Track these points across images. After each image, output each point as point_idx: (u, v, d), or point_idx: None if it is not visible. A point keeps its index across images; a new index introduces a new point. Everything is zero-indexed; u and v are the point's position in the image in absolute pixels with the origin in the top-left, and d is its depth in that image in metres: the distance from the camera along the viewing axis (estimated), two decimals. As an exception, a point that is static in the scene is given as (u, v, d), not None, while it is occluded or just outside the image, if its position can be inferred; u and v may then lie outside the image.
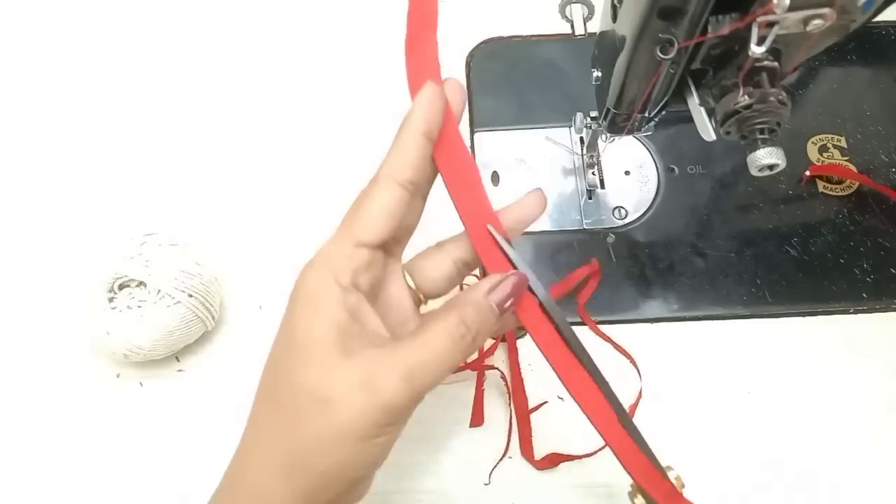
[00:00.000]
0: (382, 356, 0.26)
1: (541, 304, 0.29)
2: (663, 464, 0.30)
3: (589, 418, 0.29)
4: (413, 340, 0.26)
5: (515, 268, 0.29)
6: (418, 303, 0.31)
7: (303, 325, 0.26)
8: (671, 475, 0.30)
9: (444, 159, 0.29)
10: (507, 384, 0.44)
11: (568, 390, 0.29)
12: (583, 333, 0.45)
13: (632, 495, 0.30)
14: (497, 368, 0.44)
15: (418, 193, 0.29)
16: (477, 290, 0.28)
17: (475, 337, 0.27)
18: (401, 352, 0.26)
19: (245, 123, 0.53)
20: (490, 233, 0.29)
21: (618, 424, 0.29)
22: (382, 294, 0.30)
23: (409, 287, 0.31)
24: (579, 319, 0.46)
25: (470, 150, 0.52)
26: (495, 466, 0.42)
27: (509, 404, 0.43)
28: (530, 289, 0.29)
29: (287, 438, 0.26)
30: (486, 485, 0.42)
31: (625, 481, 0.31)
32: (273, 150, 0.52)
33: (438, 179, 0.30)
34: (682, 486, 0.30)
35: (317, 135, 0.53)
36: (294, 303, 0.27)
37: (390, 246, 0.29)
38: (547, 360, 0.29)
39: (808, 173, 0.50)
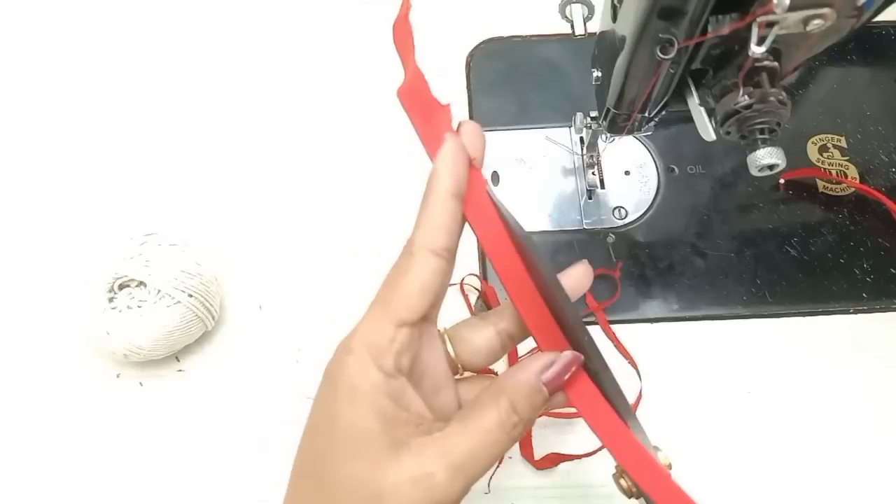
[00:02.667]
0: (432, 446, 0.25)
1: (594, 378, 0.28)
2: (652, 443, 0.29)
3: (612, 454, 0.28)
4: (463, 429, 0.25)
5: (565, 325, 0.27)
6: (454, 370, 0.30)
7: (346, 416, 0.25)
8: (660, 456, 0.29)
9: (475, 215, 0.27)
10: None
11: (612, 454, 0.28)
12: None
13: (616, 477, 0.29)
14: (496, 374, 0.44)
15: (453, 258, 0.27)
16: (528, 370, 0.26)
17: (526, 422, 0.26)
18: (450, 441, 0.25)
19: (245, 124, 0.53)
20: (543, 277, 0.27)
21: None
22: (418, 364, 0.28)
23: (448, 354, 0.29)
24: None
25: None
26: (495, 470, 0.42)
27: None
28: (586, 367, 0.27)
29: None
30: (486, 493, 0.42)
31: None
32: (273, 151, 0.52)
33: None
34: (670, 466, 0.29)
35: (316, 135, 0.53)
36: (334, 391, 0.26)
37: (428, 314, 0.28)
38: (594, 431, 0.28)
39: (781, 181, 0.49)
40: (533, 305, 0.28)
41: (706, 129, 0.35)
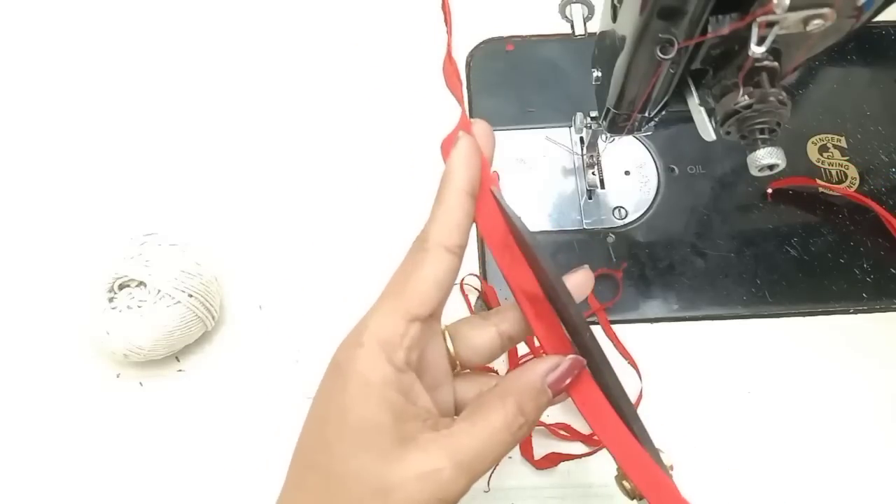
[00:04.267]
0: (439, 443, 0.25)
1: (602, 386, 0.28)
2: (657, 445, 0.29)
3: (619, 463, 0.28)
4: (471, 428, 0.25)
5: (569, 323, 0.28)
6: (453, 367, 0.30)
7: (356, 409, 0.25)
8: (664, 458, 0.29)
9: (482, 214, 0.28)
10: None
11: (613, 455, 0.28)
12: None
13: (619, 479, 0.29)
14: (496, 372, 0.44)
15: (462, 254, 0.27)
16: (534, 372, 0.27)
17: (531, 424, 0.26)
18: (458, 439, 0.25)
19: (245, 124, 0.53)
20: (550, 284, 0.27)
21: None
22: (422, 356, 0.28)
23: (448, 351, 0.30)
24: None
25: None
26: (493, 472, 0.42)
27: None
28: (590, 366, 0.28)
29: None
30: (485, 492, 0.42)
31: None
32: (273, 151, 0.52)
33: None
34: (672, 468, 0.29)
35: (316, 136, 0.53)
36: (343, 383, 0.26)
37: (436, 311, 0.28)
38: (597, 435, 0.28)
39: (769, 190, 0.49)
40: (537, 305, 0.29)
41: (706, 129, 0.35)
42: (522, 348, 0.45)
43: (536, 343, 0.35)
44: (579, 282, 0.29)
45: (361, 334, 0.26)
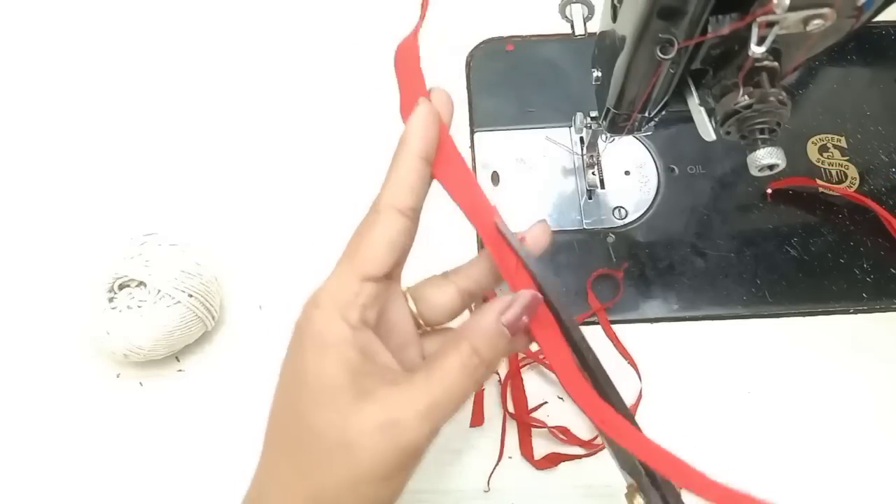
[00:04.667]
0: (398, 395, 0.25)
1: (557, 317, 0.28)
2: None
3: (604, 434, 0.29)
4: (427, 376, 0.26)
5: (530, 271, 0.28)
6: (419, 327, 0.31)
7: (314, 368, 0.26)
8: None
9: (445, 173, 0.29)
10: (501, 386, 0.44)
11: (577, 404, 0.29)
12: (586, 332, 0.45)
13: (629, 496, 0.30)
14: (496, 371, 0.44)
15: (417, 217, 0.28)
16: (487, 314, 0.27)
17: (489, 365, 0.27)
18: (416, 389, 0.25)
19: (245, 124, 0.53)
20: (499, 231, 0.29)
21: (636, 433, 0.29)
22: (383, 318, 0.29)
23: (412, 311, 0.30)
24: (585, 317, 0.46)
25: (470, 150, 0.52)
26: (493, 471, 0.42)
27: (503, 407, 0.43)
28: (547, 301, 0.28)
29: (306, 483, 0.25)
30: (485, 492, 0.42)
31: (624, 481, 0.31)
32: (273, 151, 0.52)
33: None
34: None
35: (316, 136, 0.53)
36: (301, 344, 0.27)
37: (392, 272, 0.29)
38: (559, 380, 0.28)
39: (769, 191, 0.49)
40: (503, 253, 0.29)
41: (706, 129, 0.35)
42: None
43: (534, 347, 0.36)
44: (536, 234, 0.30)
45: (317, 296, 0.27)
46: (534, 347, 0.31)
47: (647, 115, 0.39)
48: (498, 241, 0.29)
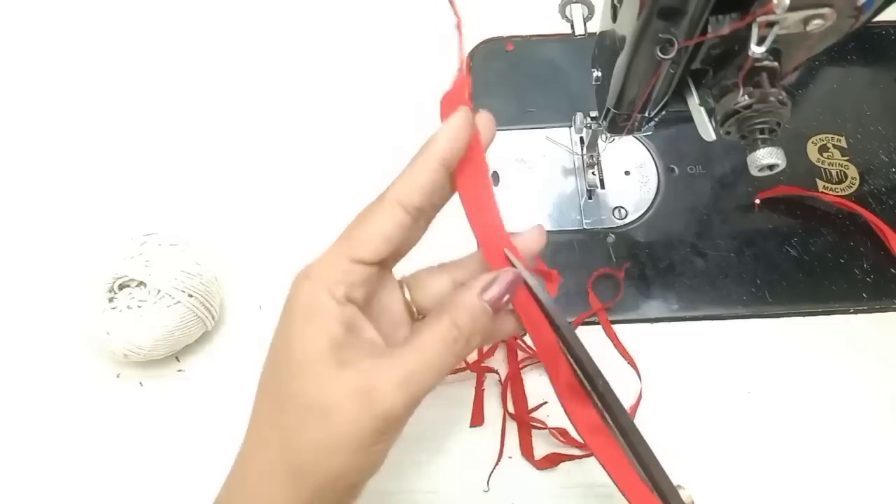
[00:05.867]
0: (378, 365, 0.26)
1: (541, 307, 0.29)
2: (674, 482, 0.29)
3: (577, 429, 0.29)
4: (407, 348, 0.26)
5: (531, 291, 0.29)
6: (413, 315, 0.31)
7: (298, 338, 0.27)
8: (683, 494, 0.29)
9: (466, 185, 0.29)
10: (501, 386, 0.44)
11: (559, 398, 0.29)
12: (586, 332, 0.45)
13: None
14: (496, 371, 0.44)
15: (422, 218, 0.28)
16: (469, 290, 0.28)
17: (469, 339, 0.27)
18: (395, 360, 0.26)
19: (245, 124, 0.53)
20: (507, 258, 0.29)
21: (616, 446, 0.29)
22: (376, 303, 0.30)
23: (406, 300, 0.31)
24: (585, 317, 0.46)
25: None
26: (493, 471, 0.42)
27: (503, 407, 0.43)
28: (530, 290, 0.29)
29: (287, 448, 0.26)
30: (485, 492, 0.42)
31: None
32: (273, 151, 0.52)
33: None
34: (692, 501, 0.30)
35: (316, 135, 0.53)
36: (289, 314, 0.27)
37: (386, 261, 0.29)
38: (542, 363, 0.29)
39: (757, 201, 0.49)
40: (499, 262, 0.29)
41: (706, 129, 0.35)
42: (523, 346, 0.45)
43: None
44: (532, 236, 0.31)
45: (308, 270, 0.28)
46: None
47: (647, 115, 0.39)
48: (490, 235, 0.29)
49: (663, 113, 0.39)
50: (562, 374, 0.29)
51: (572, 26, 0.48)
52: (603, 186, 0.50)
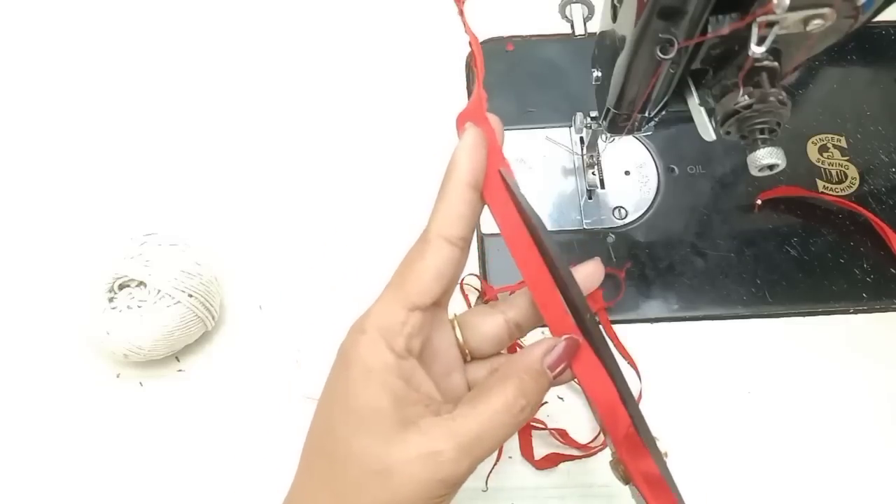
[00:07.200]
0: (441, 426, 0.25)
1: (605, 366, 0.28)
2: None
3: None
4: (472, 411, 0.26)
5: (571, 304, 0.28)
6: (464, 357, 0.31)
7: (359, 394, 0.26)
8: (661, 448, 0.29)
9: (496, 202, 0.28)
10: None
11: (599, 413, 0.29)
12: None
13: (613, 464, 0.30)
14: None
15: (467, 246, 0.28)
16: (532, 355, 0.27)
17: (534, 406, 0.27)
18: (459, 422, 0.26)
19: (245, 124, 0.53)
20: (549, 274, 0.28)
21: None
22: (429, 347, 0.29)
23: (457, 340, 0.30)
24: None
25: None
26: (492, 470, 0.42)
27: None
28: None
29: None
30: (484, 491, 0.42)
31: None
32: (273, 151, 0.52)
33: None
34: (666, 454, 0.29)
35: (316, 135, 0.53)
36: (346, 370, 0.27)
37: (440, 300, 0.29)
38: (603, 421, 0.28)
39: (759, 202, 0.49)
40: (544, 289, 0.29)
41: (706, 129, 0.35)
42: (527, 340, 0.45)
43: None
44: (589, 272, 0.30)
45: (364, 322, 0.27)
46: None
47: (647, 115, 0.39)
48: (539, 279, 0.28)
49: (663, 113, 0.39)
50: (620, 427, 0.28)
51: (572, 26, 0.48)
52: (603, 186, 0.50)
